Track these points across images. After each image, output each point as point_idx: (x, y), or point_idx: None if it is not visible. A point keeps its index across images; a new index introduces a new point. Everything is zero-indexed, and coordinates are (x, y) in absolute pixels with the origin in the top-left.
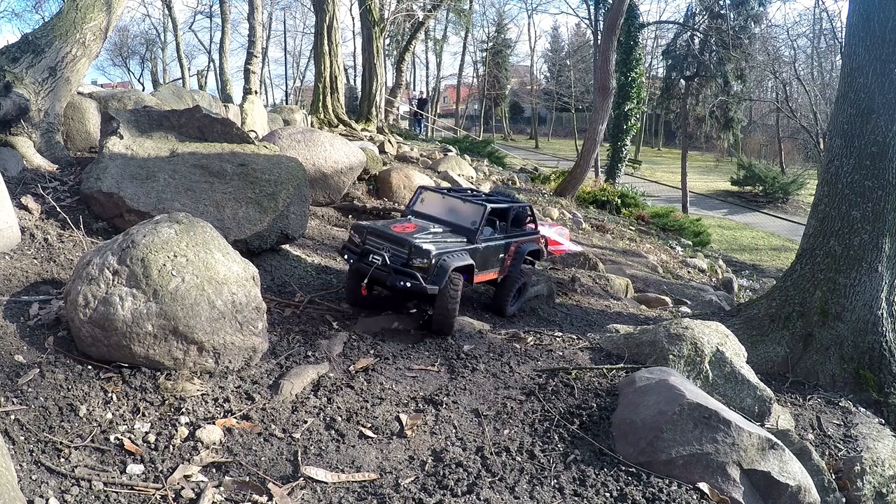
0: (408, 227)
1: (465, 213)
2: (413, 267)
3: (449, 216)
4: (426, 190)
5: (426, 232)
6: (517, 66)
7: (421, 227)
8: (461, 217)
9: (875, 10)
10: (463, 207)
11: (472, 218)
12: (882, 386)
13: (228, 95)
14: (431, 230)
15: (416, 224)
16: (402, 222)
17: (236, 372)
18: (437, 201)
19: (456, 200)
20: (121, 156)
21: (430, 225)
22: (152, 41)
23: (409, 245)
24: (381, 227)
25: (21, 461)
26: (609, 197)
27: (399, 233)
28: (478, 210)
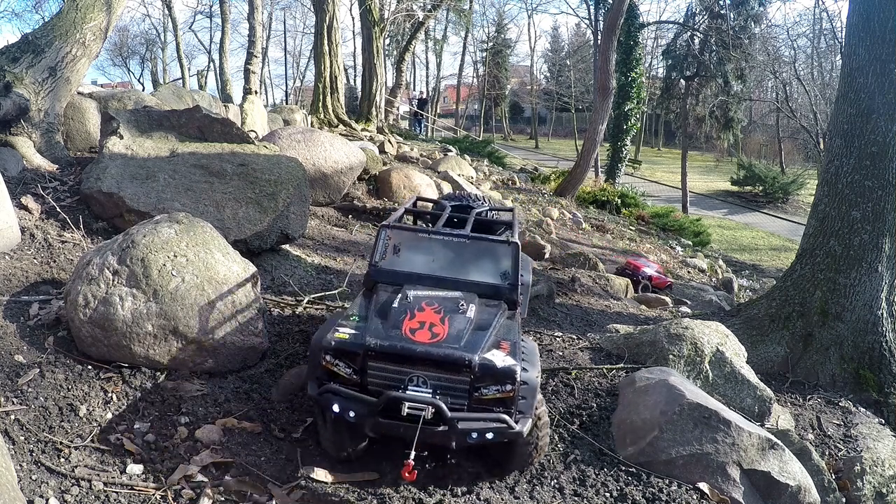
0: (426, 318)
1: (477, 257)
2: (485, 402)
3: (450, 266)
4: (390, 229)
5: (460, 319)
6: (517, 66)
7: (438, 308)
8: (471, 265)
9: (875, 10)
10: (470, 249)
11: (497, 265)
12: (882, 386)
13: (228, 95)
14: (459, 311)
15: (428, 306)
16: (402, 309)
17: (236, 372)
18: (417, 243)
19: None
20: (121, 156)
21: (440, 298)
22: (152, 41)
23: (468, 364)
24: (395, 343)
25: (21, 461)
26: (609, 197)
27: (434, 344)
28: (502, 252)
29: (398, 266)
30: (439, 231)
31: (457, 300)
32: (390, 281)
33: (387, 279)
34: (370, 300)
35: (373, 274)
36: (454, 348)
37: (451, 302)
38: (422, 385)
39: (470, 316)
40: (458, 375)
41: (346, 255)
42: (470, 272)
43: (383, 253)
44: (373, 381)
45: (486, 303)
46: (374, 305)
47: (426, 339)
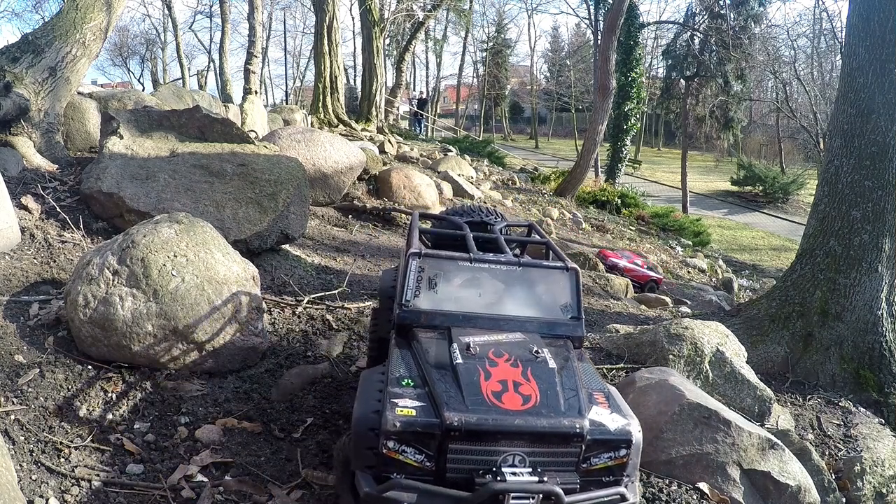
0: (504, 374)
1: (531, 287)
2: (593, 472)
3: (500, 300)
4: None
5: (544, 371)
6: (517, 66)
7: (512, 358)
8: (525, 297)
9: (875, 10)
10: (521, 277)
11: (554, 295)
12: (882, 386)
13: (228, 95)
14: (537, 360)
15: (498, 357)
16: (470, 366)
17: (236, 372)
18: (457, 274)
19: (495, 267)
20: (121, 156)
21: (507, 345)
22: (152, 41)
23: (579, 434)
24: (485, 417)
25: (21, 461)
26: (609, 197)
27: (531, 412)
28: (560, 279)
29: (437, 304)
30: (485, 257)
31: (525, 345)
32: (429, 324)
33: (425, 322)
34: (414, 353)
35: (405, 316)
36: (558, 415)
37: (521, 348)
38: (519, 464)
39: (552, 365)
40: (566, 448)
41: (346, 255)
42: (525, 306)
43: (416, 288)
44: (454, 467)
45: (552, 343)
46: (426, 362)
47: (518, 405)
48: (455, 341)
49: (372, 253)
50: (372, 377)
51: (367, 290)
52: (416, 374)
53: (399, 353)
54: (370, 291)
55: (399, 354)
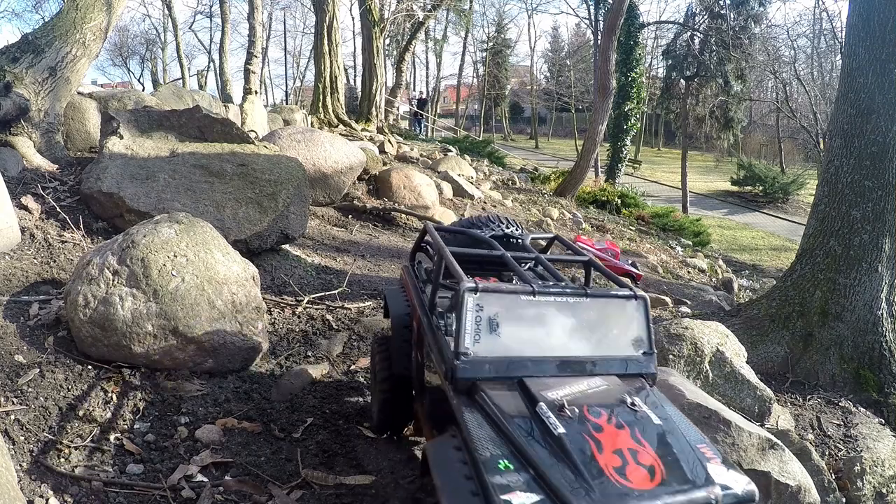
0: (616, 442)
1: (598, 320)
2: None
3: (568, 339)
4: (480, 292)
5: (652, 430)
6: (517, 66)
7: (613, 418)
8: (593, 332)
9: (875, 10)
10: (587, 310)
11: (623, 327)
12: (882, 386)
13: (228, 95)
14: (637, 415)
15: (597, 417)
16: (575, 435)
17: (236, 372)
18: (518, 310)
19: (560, 299)
20: (121, 156)
21: (597, 398)
22: (152, 41)
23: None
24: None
25: (21, 461)
26: (609, 197)
27: (665, 488)
28: (629, 310)
29: (503, 350)
30: (550, 289)
31: (614, 394)
32: (495, 376)
33: (490, 373)
34: (493, 419)
35: (465, 370)
36: (692, 487)
37: (612, 399)
38: None
39: (656, 420)
40: None
41: (346, 255)
42: (595, 343)
43: (476, 333)
44: None
45: (631, 385)
46: (515, 432)
47: (646, 481)
48: (540, 399)
49: (372, 253)
50: (447, 457)
51: (367, 290)
52: (510, 450)
53: (473, 419)
54: (370, 291)
55: (474, 422)
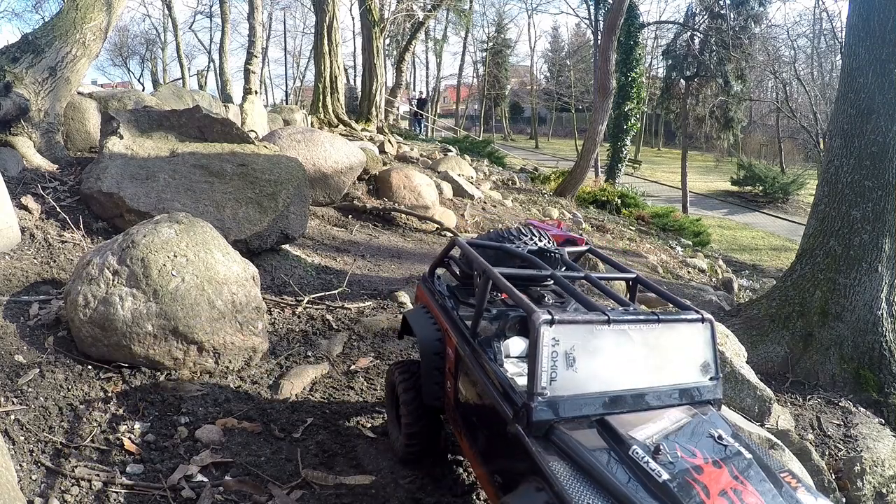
0: (717, 483)
1: (667, 345)
2: None
3: (640, 368)
4: (557, 324)
5: (748, 466)
6: (517, 66)
7: (709, 458)
8: (662, 359)
9: (875, 10)
10: (656, 335)
11: (690, 352)
12: (882, 386)
13: (228, 95)
14: (728, 451)
15: (691, 457)
16: (679, 481)
17: (236, 372)
18: (593, 340)
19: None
20: (121, 156)
21: (686, 434)
22: (152, 41)
23: None
24: None
25: (21, 461)
26: (609, 197)
27: None
28: (696, 333)
29: (580, 387)
30: (623, 316)
31: (701, 430)
32: (574, 415)
33: (569, 413)
34: (583, 467)
35: (543, 411)
36: None
37: (701, 436)
38: None
39: (748, 456)
40: None
41: (346, 255)
42: (666, 371)
43: (552, 370)
44: None
45: (707, 415)
46: (613, 482)
47: None
48: (631, 442)
49: (372, 253)
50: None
51: (367, 290)
52: (604, 499)
53: (562, 470)
54: (370, 291)
55: (565, 474)
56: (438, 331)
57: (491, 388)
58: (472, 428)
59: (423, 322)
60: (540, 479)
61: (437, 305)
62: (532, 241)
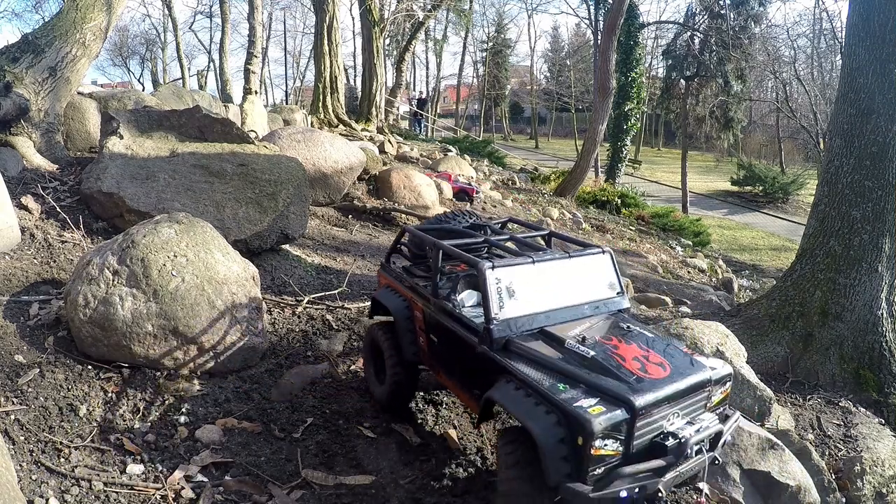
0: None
1: (581, 274)
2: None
3: (565, 291)
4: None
5: (651, 341)
6: (517, 66)
7: (619, 339)
8: (580, 284)
9: (875, 10)
10: (570, 267)
11: (600, 277)
12: (882, 386)
13: (228, 95)
14: (632, 333)
15: (607, 340)
16: (603, 354)
17: (236, 372)
18: (524, 277)
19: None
20: (121, 156)
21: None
22: (152, 41)
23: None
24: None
25: (21, 461)
26: (609, 197)
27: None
28: (602, 262)
29: (522, 310)
30: (544, 257)
31: (613, 324)
32: (520, 331)
33: (516, 330)
34: (536, 361)
35: (499, 331)
36: (695, 370)
37: (613, 328)
38: (678, 419)
39: (649, 334)
40: (702, 394)
41: (346, 255)
42: (583, 292)
43: (499, 301)
44: (637, 443)
45: (619, 317)
46: (559, 364)
47: (662, 373)
48: (565, 338)
49: (372, 253)
50: (515, 396)
51: (367, 290)
52: (560, 377)
53: (522, 365)
54: (370, 291)
55: (523, 367)
56: (405, 300)
57: (459, 327)
58: (448, 363)
59: (390, 298)
60: (508, 375)
61: (398, 282)
62: (465, 219)
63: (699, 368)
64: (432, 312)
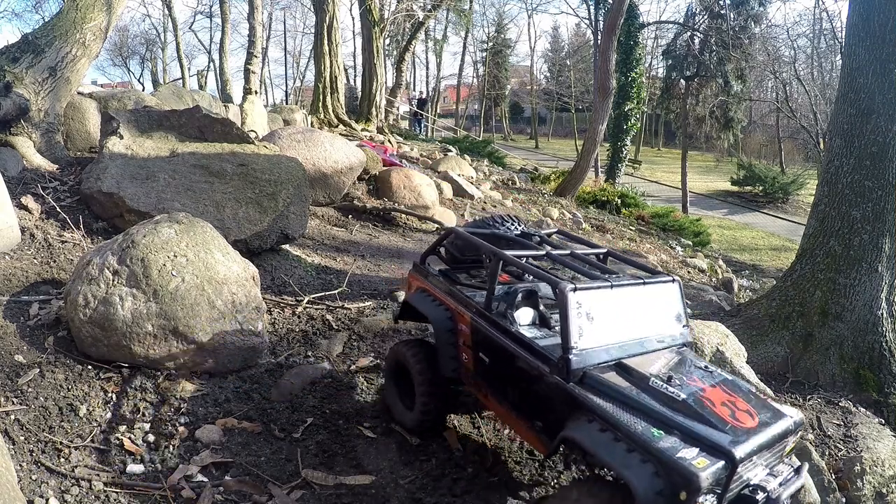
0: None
1: (652, 302)
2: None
3: (638, 320)
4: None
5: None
6: (517, 66)
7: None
8: (651, 312)
9: (875, 10)
10: (644, 294)
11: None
12: (882, 386)
13: (228, 95)
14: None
15: (692, 381)
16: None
17: (236, 372)
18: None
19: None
20: (121, 156)
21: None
22: (152, 41)
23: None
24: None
25: (21, 461)
26: (609, 197)
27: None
28: (671, 291)
29: (601, 339)
30: (622, 280)
31: (691, 362)
32: (598, 362)
33: (596, 361)
34: (622, 399)
35: (577, 362)
36: (779, 419)
37: (692, 366)
38: (761, 470)
39: (729, 378)
40: (782, 444)
41: (346, 255)
42: (655, 322)
43: (580, 328)
44: (728, 495)
45: (689, 352)
46: (649, 404)
47: (751, 421)
48: (649, 376)
49: (372, 253)
50: (602, 440)
51: (367, 290)
52: (651, 420)
53: (605, 402)
54: (370, 291)
55: (607, 405)
56: (447, 310)
57: (522, 350)
58: (501, 388)
59: (429, 305)
60: (588, 413)
61: (438, 289)
62: (513, 225)
63: (782, 417)
64: (484, 329)
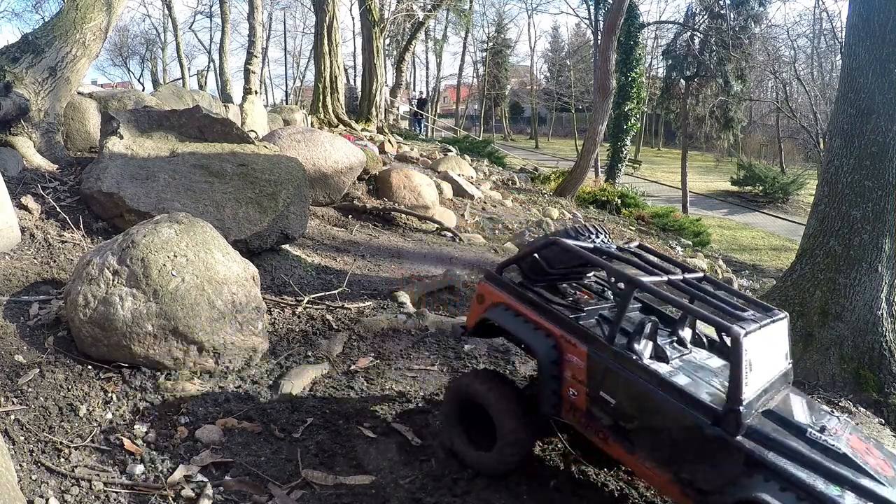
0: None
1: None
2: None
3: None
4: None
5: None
6: (517, 66)
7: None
8: (772, 350)
9: (875, 10)
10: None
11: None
12: (882, 386)
13: (228, 95)
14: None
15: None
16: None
17: (236, 372)
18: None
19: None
20: (121, 156)
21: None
22: (152, 41)
23: None
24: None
25: (21, 461)
26: (609, 197)
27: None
28: (783, 329)
29: (755, 385)
30: (763, 318)
31: (815, 406)
32: (754, 410)
33: (753, 409)
34: (788, 452)
35: (746, 412)
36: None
37: (821, 411)
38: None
39: (855, 424)
40: None
41: (346, 255)
42: (776, 361)
43: (747, 375)
44: None
45: (798, 392)
46: (814, 458)
47: (892, 471)
48: (804, 426)
49: (372, 253)
50: (786, 498)
51: (367, 290)
52: (824, 475)
53: (780, 458)
54: (370, 291)
55: (783, 460)
56: (549, 336)
57: (670, 396)
58: (635, 435)
59: (523, 327)
60: (764, 470)
61: (530, 307)
62: (605, 239)
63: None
64: (614, 367)
